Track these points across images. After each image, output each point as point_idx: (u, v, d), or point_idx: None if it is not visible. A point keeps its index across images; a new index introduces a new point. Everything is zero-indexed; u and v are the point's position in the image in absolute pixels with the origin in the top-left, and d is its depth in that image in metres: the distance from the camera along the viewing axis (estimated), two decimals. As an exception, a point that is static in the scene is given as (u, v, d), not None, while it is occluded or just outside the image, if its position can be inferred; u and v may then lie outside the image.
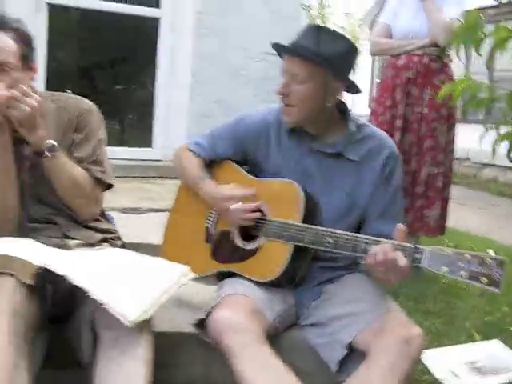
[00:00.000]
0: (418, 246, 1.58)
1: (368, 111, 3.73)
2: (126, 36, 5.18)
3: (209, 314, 1.73)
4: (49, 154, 1.71)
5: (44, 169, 1.75)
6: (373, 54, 3.85)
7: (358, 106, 10.86)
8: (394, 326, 1.65)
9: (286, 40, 1.86)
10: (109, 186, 1.91)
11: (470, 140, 3.79)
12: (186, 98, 4.54)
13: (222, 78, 4.59)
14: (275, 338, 1.79)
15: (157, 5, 4.55)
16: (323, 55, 1.75)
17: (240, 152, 2.00)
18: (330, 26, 4.84)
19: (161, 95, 4.59)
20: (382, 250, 1.59)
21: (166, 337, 1.83)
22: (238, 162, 2.02)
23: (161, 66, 4.57)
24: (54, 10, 4.26)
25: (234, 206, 1.86)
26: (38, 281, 1.47)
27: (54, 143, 1.72)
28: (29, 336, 1.44)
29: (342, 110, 1.91)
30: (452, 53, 3.33)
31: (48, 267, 1.46)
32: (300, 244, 1.77)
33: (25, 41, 1.81)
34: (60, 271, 1.46)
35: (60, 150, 1.74)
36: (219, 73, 4.59)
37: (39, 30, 4.04)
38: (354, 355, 1.70)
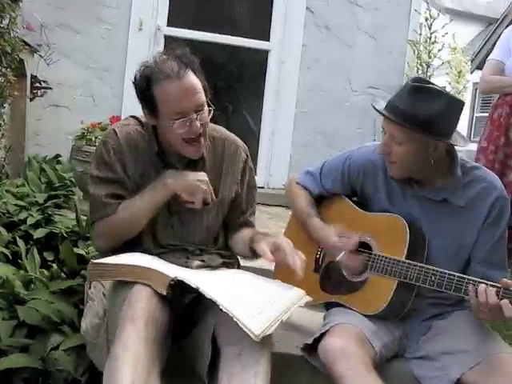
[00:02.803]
0: None
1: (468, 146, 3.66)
2: (235, 67, 5.42)
3: (317, 340, 1.80)
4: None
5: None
6: (483, 93, 3.77)
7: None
8: (505, 367, 1.66)
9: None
10: None
11: None
12: (290, 127, 4.69)
13: (326, 109, 4.71)
14: (382, 367, 1.83)
15: (267, 38, 4.76)
16: (419, 118, 1.72)
17: (348, 187, 2.05)
18: (436, 61, 4.82)
19: (266, 124, 4.76)
20: (486, 294, 1.61)
21: (274, 357, 1.92)
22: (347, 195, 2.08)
23: (267, 96, 4.76)
24: (169, 41, 4.58)
25: (339, 259, 1.92)
26: (170, 292, 1.57)
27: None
28: (159, 343, 1.55)
29: (451, 153, 1.89)
30: None
31: (182, 279, 1.56)
32: (405, 280, 1.82)
33: (198, 70, 1.81)
34: (193, 284, 1.55)
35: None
36: (323, 104, 4.71)
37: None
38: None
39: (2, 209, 2.96)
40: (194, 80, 1.76)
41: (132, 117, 1.95)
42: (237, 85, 5.51)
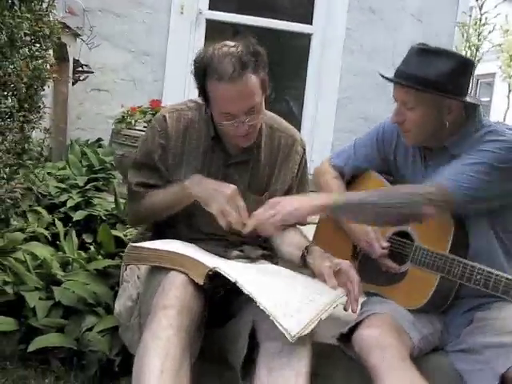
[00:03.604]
0: None
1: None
2: (277, 51, 5.35)
3: (352, 329, 1.75)
4: None
5: None
6: None
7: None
8: None
9: None
10: None
11: None
12: (332, 112, 4.60)
13: (369, 95, 4.59)
14: (420, 360, 1.76)
15: (310, 21, 4.66)
16: (429, 78, 1.69)
17: (383, 160, 2.00)
18: (486, 44, 4.64)
19: (308, 109, 4.69)
20: None
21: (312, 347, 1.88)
22: (382, 172, 2.01)
23: (310, 81, 4.68)
24: (211, 24, 4.55)
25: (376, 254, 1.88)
26: (207, 282, 1.53)
27: None
28: (192, 333, 1.52)
29: (469, 113, 1.81)
30: None
31: (220, 271, 1.52)
32: (448, 276, 1.74)
33: (262, 64, 1.72)
34: (231, 277, 1.51)
35: None
36: (366, 89, 4.59)
37: (197, 43, 4.37)
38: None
39: (44, 191, 3.00)
40: (248, 83, 1.66)
41: (191, 100, 1.91)
42: (279, 69, 5.44)
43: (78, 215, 2.77)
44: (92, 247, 2.44)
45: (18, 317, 2.07)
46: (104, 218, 2.77)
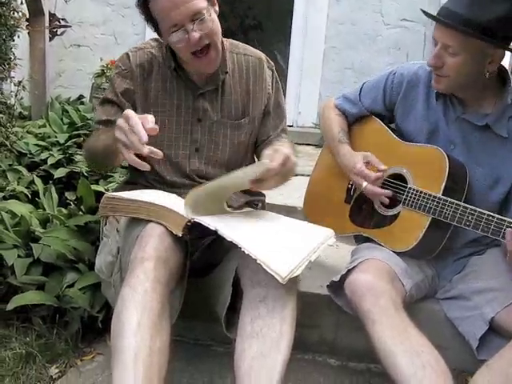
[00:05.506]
0: None
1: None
2: (261, 2, 5.21)
3: (344, 277, 1.71)
4: None
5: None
6: None
7: None
8: None
9: (424, 6, 1.70)
10: None
11: None
12: (319, 63, 4.49)
13: (356, 44, 4.48)
14: (411, 308, 1.73)
15: (294, -31, 4.50)
16: (478, 23, 1.55)
17: (388, 106, 1.93)
18: None
19: (294, 61, 4.56)
20: None
21: (298, 296, 1.84)
22: (383, 120, 1.96)
23: (295, 32, 4.54)
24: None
25: (367, 187, 1.81)
26: (186, 233, 1.47)
27: None
28: (171, 285, 1.47)
29: (503, 77, 1.73)
30: None
31: (198, 221, 1.46)
32: (439, 218, 1.69)
33: None
34: (211, 226, 1.45)
35: None
36: (354, 38, 4.48)
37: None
38: (494, 333, 1.62)
39: (24, 149, 2.92)
40: None
41: (153, 39, 1.87)
42: (265, 21, 5.30)
43: (58, 172, 2.70)
44: (72, 203, 2.37)
45: (-3, 275, 2.01)
46: (86, 174, 2.69)
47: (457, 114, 1.76)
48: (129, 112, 1.45)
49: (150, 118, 1.43)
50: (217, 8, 1.74)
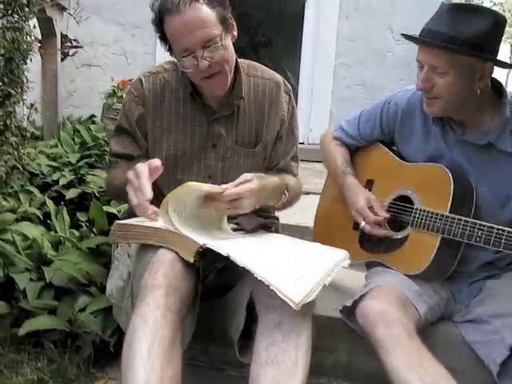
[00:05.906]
0: None
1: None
2: (273, 20, 5.22)
3: (357, 302, 1.68)
4: None
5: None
6: None
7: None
8: None
9: None
10: None
11: None
12: (329, 80, 4.48)
13: (366, 60, 4.47)
14: (428, 332, 1.71)
15: (303, -14, 4.51)
16: (463, 39, 1.52)
17: (386, 134, 1.92)
18: (486, 4, 4.50)
19: (305, 78, 4.56)
20: None
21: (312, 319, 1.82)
22: (385, 144, 1.95)
23: (305, 49, 4.55)
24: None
25: (365, 227, 1.83)
26: (198, 259, 1.45)
27: None
28: (182, 312, 1.45)
29: (497, 89, 1.70)
30: None
31: (209, 247, 1.44)
32: (448, 236, 1.66)
33: (219, 1, 1.63)
34: (223, 251, 1.43)
35: None
36: (364, 55, 4.47)
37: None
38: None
39: (36, 170, 2.93)
40: (198, 13, 1.57)
41: (167, 62, 1.84)
42: (275, 38, 5.31)
43: (70, 193, 2.70)
44: (84, 225, 2.37)
45: (10, 300, 2.00)
46: (98, 195, 2.69)
47: (457, 136, 1.74)
48: (139, 168, 1.49)
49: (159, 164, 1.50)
50: (235, 33, 1.70)
